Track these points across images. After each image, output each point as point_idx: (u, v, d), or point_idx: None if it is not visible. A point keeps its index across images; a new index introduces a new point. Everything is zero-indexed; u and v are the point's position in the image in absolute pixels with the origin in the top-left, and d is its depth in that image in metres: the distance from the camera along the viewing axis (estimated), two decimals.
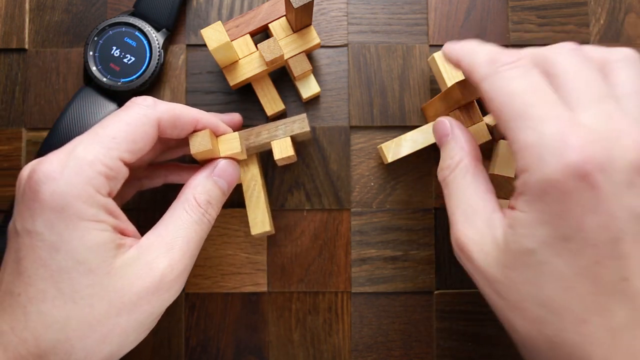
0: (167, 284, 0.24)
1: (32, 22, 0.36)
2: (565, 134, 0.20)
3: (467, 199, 0.25)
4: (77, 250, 0.22)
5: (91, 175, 0.23)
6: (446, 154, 0.27)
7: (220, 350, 0.35)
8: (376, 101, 0.36)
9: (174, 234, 0.25)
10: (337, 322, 0.35)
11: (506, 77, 0.23)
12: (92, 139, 0.24)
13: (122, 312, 0.23)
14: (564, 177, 0.20)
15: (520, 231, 0.22)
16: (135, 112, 0.26)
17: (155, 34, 0.34)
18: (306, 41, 0.34)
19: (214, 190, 0.28)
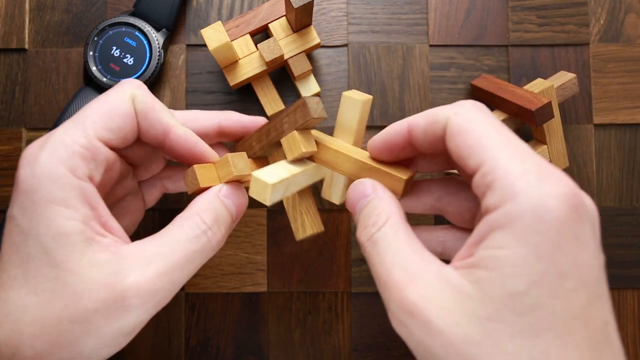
0: (128, 304, 0.21)
1: (32, 22, 0.36)
2: (549, 168, 0.20)
3: (405, 256, 0.21)
4: (43, 237, 0.21)
5: (64, 155, 0.22)
6: (369, 212, 0.23)
7: (220, 350, 0.35)
8: (376, 101, 0.36)
9: (158, 249, 0.22)
10: (337, 322, 0.35)
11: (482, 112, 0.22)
12: (70, 121, 0.23)
13: (75, 319, 0.21)
14: (561, 204, 0.18)
15: (506, 270, 0.18)
16: (113, 91, 0.24)
17: (155, 34, 0.34)
18: (306, 41, 0.34)
19: (220, 208, 0.25)
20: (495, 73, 0.37)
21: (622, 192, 0.36)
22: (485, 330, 0.18)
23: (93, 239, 0.22)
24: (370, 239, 0.22)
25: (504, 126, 0.21)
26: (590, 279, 0.19)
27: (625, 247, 0.36)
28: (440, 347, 0.19)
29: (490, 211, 0.19)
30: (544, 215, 0.18)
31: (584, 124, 0.36)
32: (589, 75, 0.37)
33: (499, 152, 0.20)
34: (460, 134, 0.21)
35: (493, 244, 0.19)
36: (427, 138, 0.23)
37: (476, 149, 0.20)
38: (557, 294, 0.18)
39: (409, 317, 0.19)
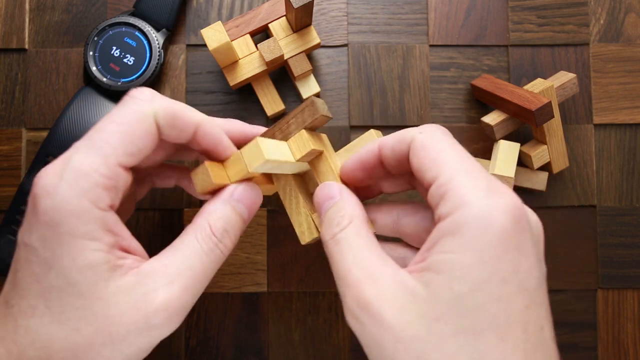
0: (160, 321, 0.22)
1: (32, 22, 0.36)
2: (498, 184, 0.21)
3: (365, 256, 0.22)
4: (68, 270, 0.21)
5: (87, 187, 0.21)
6: (334, 213, 0.24)
7: (220, 350, 0.35)
8: (376, 101, 0.36)
9: (178, 265, 0.23)
10: (337, 322, 0.35)
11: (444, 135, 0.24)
12: (87, 146, 0.22)
13: (107, 342, 0.21)
14: (505, 216, 0.20)
15: (453, 273, 0.20)
16: (130, 110, 0.23)
17: (155, 34, 0.34)
18: (306, 41, 0.34)
19: (232, 217, 0.25)
20: (495, 73, 0.37)
21: (622, 192, 0.36)
22: (431, 329, 0.19)
23: (117, 265, 0.22)
24: (333, 237, 0.23)
25: (462, 147, 0.23)
26: (529, 286, 0.20)
27: (625, 247, 0.36)
28: (391, 342, 0.20)
29: (442, 219, 0.21)
30: (489, 225, 0.20)
31: (584, 124, 0.36)
32: (589, 75, 0.37)
33: (454, 167, 0.22)
34: (422, 149, 0.23)
35: (443, 249, 0.20)
36: (394, 155, 0.24)
37: (434, 163, 0.22)
38: (498, 297, 0.19)
39: (364, 312, 0.21)
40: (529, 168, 0.35)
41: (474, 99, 0.37)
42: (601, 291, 0.36)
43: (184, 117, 0.24)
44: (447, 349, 0.19)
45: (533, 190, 0.35)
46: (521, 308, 0.20)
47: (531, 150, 0.34)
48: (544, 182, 0.35)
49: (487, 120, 0.34)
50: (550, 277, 0.36)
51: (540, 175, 0.35)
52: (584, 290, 0.36)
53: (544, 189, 0.35)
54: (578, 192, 0.36)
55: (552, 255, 0.36)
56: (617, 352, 0.35)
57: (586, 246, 0.36)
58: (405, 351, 0.20)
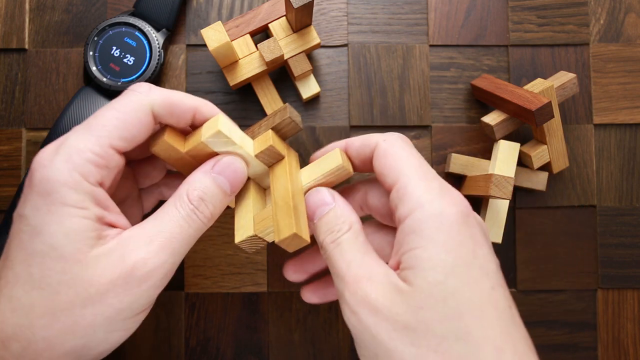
0: (138, 277, 0.22)
1: (32, 22, 0.36)
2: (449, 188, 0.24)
3: (363, 258, 0.24)
4: (54, 234, 0.22)
5: (79, 162, 0.23)
6: (334, 219, 0.26)
7: (220, 350, 0.35)
8: (376, 101, 0.36)
9: (156, 228, 0.24)
10: (337, 322, 0.35)
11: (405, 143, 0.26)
12: (84, 128, 0.24)
13: (87, 303, 0.22)
14: (456, 212, 0.23)
15: (424, 265, 0.22)
16: (127, 100, 0.25)
17: (155, 34, 0.34)
18: (306, 41, 0.34)
19: (210, 187, 0.26)
20: (495, 73, 0.37)
21: (622, 192, 0.36)
22: (419, 317, 0.21)
23: (102, 235, 0.23)
24: (334, 241, 0.25)
25: (420, 156, 0.26)
26: (489, 270, 0.23)
27: (625, 247, 0.36)
28: (386, 332, 0.22)
29: (402, 220, 0.23)
30: (444, 220, 0.23)
31: (584, 124, 0.36)
32: (589, 75, 0.37)
33: (410, 173, 0.24)
34: (383, 157, 0.26)
35: (409, 246, 0.23)
36: (359, 157, 0.27)
37: (393, 169, 0.25)
38: (467, 281, 0.22)
39: (361, 305, 0.23)
40: (529, 168, 0.35)
41: (474, 99, 0.37)
42: (601, 291, 0.36)
43: (181, 104, 0.26)
44: (436, 333, 0.21)
45: (533, 190, 0.35)
46: (488, 289, 0.22)
47: (531, 150, 0.34)
48: (544, 182, 0.35)
49: (487, 120, 0.34)
50: (550, 277, 0.36)
51: (540, 175, 0.35)
52: (584, 290, 0.36)
53: (544, 189, 0.35)
54: (578, 192, 0.36)
55: (552, 255, 0.36)
56: (617, 352, 0.35)
57: (586, 246, 0.36)
58: (400, 339, 0.22)
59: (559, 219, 0.36)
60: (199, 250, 0.35)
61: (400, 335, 0.22)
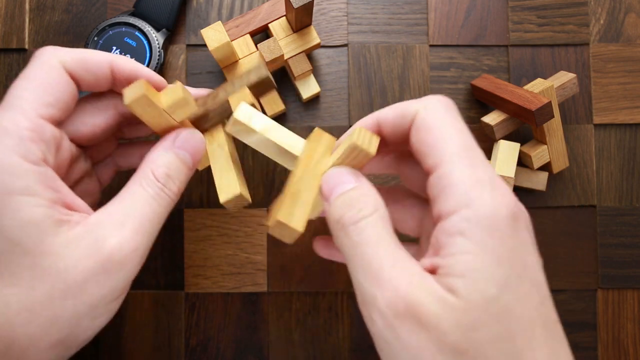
0: (117, 263, 0.22)
1: (32, 22, 0.36)
2: (499, 180, 0.21)
3: (395, 254, 0.20)
4: (10, 229, 0.21)
5: (11, 142, 0.21)
6: (355, 198, 0.22)
7: (220, 350, 0.35)
8: (376, 101, 0.36)
9: (126, 211, 0.23)
10: (337, 322, 0.35)
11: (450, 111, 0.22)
12: (3, 107, 0.22)
13: (67, 294, 0.21)
14: (509, 214, 0.20)
15: (477, 275, 0.19)
16: (35, 66, 0.23)
17: (155, 34, 0.34)
18: (306, 41, 0.34)
19: (174, 162, 0.25)
20: (495, 73, 0.37)
21: (622, 192, 0.36)
22: (470, 338, 0.18)
23: (62, 220, 0.22)
24: (356, 223, 0.21)
25: (465, 128, 0.22)
26: (538, 281, 0.20)
27: (625, 247, 0.36)
28: (430, 354, 0.18)
29: (444, 217, 0.20)
30: (497, 223, 0.19)
31: (584, 124, 0.36)
32: (589, 75, 0.37)
33: (456, 157, 0.21)
34: (424, 131, 0.22)
35: (454, 249, 0.19)
36: (395, 132, 0.23)
37: (435, 149, 0.21)
38: (518, 296, 0.19)
39: (403, 317, 0.19)
40: (529, 168, 0.35)
41: (474, 99, 0.37)
42: (601, 291, 0.36)
43: (94, 57, 0.24)
44: (487, 356, 0.18)
45: (533, 190, 0.35)
46: (538, 304, 0.19)
47: (531, 150, 0.34)
48: (544, 182, 0.35)
49: (487, 120, 0.34)
50: (550, 277, 0.36)
51: (540, 175, 0.35)
52: (584, 290, 0.36)
53: (544, 189, 0.35)
54: (578, 192, 0.36)
55: (552, 255, 0.36)
56: (617, 352, 0.35)
57: (586, 246, 0.36)
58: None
59: (559, 219, 0.36)
60: (199, 250, 0.35)
61: (453, 357, 0.18)
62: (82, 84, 0.25)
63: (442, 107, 0.22)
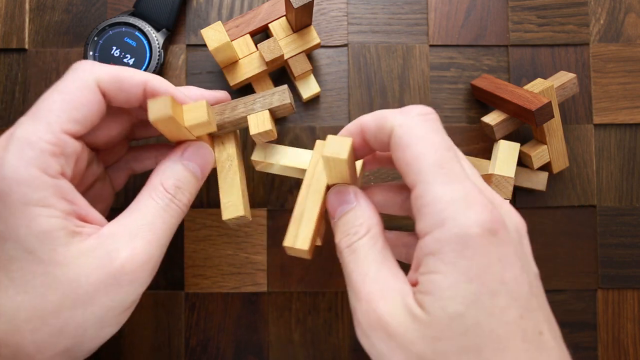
0: (128, 275, 0.22)
1: (32, 22, 0.36)
2: (475, 195, 0.21)
3: (379, 270, 0.22)
4: (25, 238, 0.21)
5: (33, 155, 0.21)
6: (352, 220, 0.24)
7: (220, 350, 0.35)
8: (376, 101, 0.36)
9: (137, 223, 0.23)
10: (337, 322, 0.35)
11: (426, 125, 0.22)
12: (30, 117, 0.22)
13: (77, 304, 0.21)
14: (482, 231, 0.20)
15: (443, 294, 0.20)
16: (69, 80, 0.23)
17: (155, 34, 0.34)
18: (306, 41, 0.34)
19: (183, 174, 0.26)
20: (495, 73, 0.37)
21: (622, 192, 0.36)
22: (435, 349, 0.20)
23: (75, 232, 0.22)
24: (349, 246, 0.23)
25: (444, 142, 0.22)
26: (519, 295, 0.20)
27: (625, 247, 0.36)
28: (405, 357, 0.20)
29: (421, 237, 0.21)
30: (469, 242, 0.20)
31: (584, 124, 0.36)
32: (589, 75, 0.37)
33: (431, 175, 0.21)
34: (400, 149, 0.22)
35: (427, 269, 0.20)
36: (377, 140, 0.24)
37: (412, 168, 0.22)
38: (491, 312, 0.19)
39: (373, 329, 0.21)
40: (529, 168, 0.35)
41: (474, 99, 0.37)
42: (601, 291, 0.36)
43: (129, 78, 0.25)
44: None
45: (533, 190, 0.35)
46: (515, 318, 0.20)
47: (531, 150, 0.34)
48: (544, 182, 0.35)
49: (487, 120, 0.34)
50: (550, 277, 0.36)
51: (540, 175, 0.35)
52: (584, 290, 0.36)
53: (544, 189, 0.35)
54: (578, 192, 0.36)
55: (552, 255, 0.36)
56: (617, 352, 0.35)
57: (586, 246, 0.36)
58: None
59: (559, 219, 0.36)
60: (199, 250, 0.35)
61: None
62: (113, 101, 0.25)
63: (419, 122, 0.22)
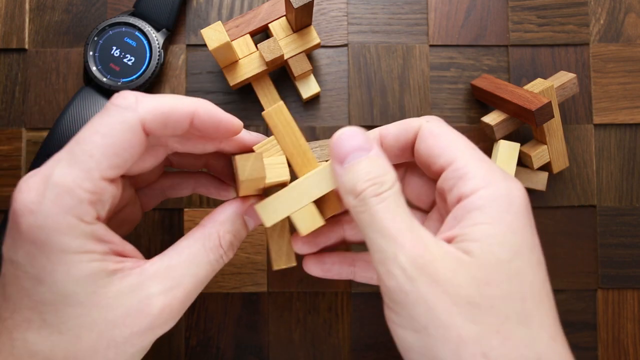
0: (162, 323, 0.22)
1: (32, 22, 0.36)
2: (506, 172, 0.23)
3: (413, 223, 0.22)
4: (62, 283, 0.21)
5: (71, 204, 0.21)
6: (374, 169, 0.23)
7: (220, 350, 0.35)
8: (376, 101, 0.36)
9: (182, 271, 0.23)
10: (337, 322, 0.35)
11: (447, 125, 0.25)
12: (69, 159, 0.21)
13: (111, 345, 0.21)
14: (522, 197, 0.22)
15: (492, 240, 0.21)
16: (113, 120, 0.22)
17: (155, 34, 0.34)
18: (306, 41, 0.34)
19: (241, 231, 0.25)
20: (495, 73, 0.37)
21: (622, 192, 0.36)
22: (483, 292, 0.20)
23: (115, 270, 0.22)
24: (379, 195, 0.22)
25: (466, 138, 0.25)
26: (542, 259, 0.22)
27: (625, 247, 0.36)
28: (445, 305, 0.20)
29: (464, 198, 0.22)
30: (512, 202, 0.22)
31: (584, 124, 0.36)
32: (589, 75, 0.37)
33: (469, 154, 0.23)
34: (432, 137, 0.24)
35: (473, 221, 0.21)
36: (398, 143, 0.25)
37: (447, 149, 0.23)
38: (530, 264, 0.21)
39: (420, 272, 0.20)
40: (529, 168, 0.35)
41: (474, 99, 0.37)
42: (601, 291, 0.36)
43: (175, 112, 0.23)
44: (499, 312, 0.20)
45: (533, 190, 0.35)
46: (544, 279, 0.22)
47: (531, 150, 0.34)
48: (544, 182, 0.35)
49: (487, 120, 0.34)
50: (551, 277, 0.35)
51: (540, 175, 0.35)
52: (584, 290, 0.36)
53: (544, 189, 0.35)
54: (578, 192, 0.36)
55: (552, 255, 0.36)
56: (617, 352, 0.35)
57: (586, 246, 0.36)
58: (460, 314, 0.20)
59: (559, 219, 0.36)
60: None
61: (461, 310, 0.20)
62: (156, 135, 0.23)
63: (441, 121, 0.25)
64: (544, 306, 0.21)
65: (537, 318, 0.20)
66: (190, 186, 0.29)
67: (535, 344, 0.20)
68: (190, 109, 0.23)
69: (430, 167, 0.24)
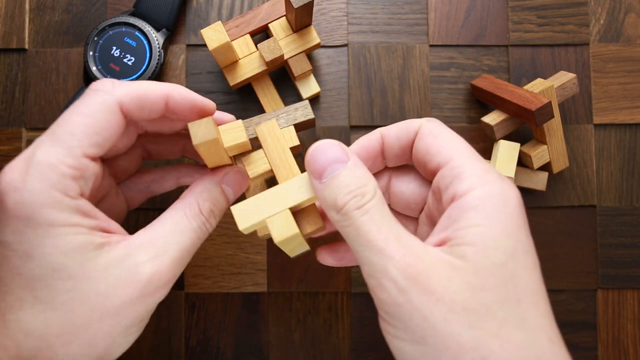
0: (152, 290, 0.23)
1: (32, 22, 0.36)
2: (502, 174, 0.23)
3: (399, 232, 0.21)
4: (51, 257, 0.21)
5: (55, 179, 0.22)
6: (353, 180, 0.22)
7: (220, 350, 0.35)
8: (376, 101, 0.36)
9: (167, 239, 0.24)
10: (337, 322, 0.35)
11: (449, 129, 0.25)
12: (51, 139, 0.22)
13: (105, 316, 0.22)
14: (516, 198, 0.22)
15: (487, 244, 0.20)
16: (92, 101, 0.23)
17: (155, 34, 0.34)
18: (306, 41, 0.34)
19: (220, 198, 0.26)
20: (495, 73, 0.37)
21: (622, 192, 0.36)
22: (478, 298, 0.20)
23: (102, 243, 0.23)
24: (361, 207, 0.22)
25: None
26: (537, 261, 0.22)
27: (625, 247, 0.36)
28: (442, 313, 0.20)
29: (460, 196, 0.22)
30: (508, 202, 0.21)
31: (584, 124, 0.36)
32: (589, 75, 0.37)
33: (466, 154, 0.23)
34: (432, 136, 0.24)
35: (468, 223, 0.21)
36: (399, 142, 0.25)
37: (445, 148, 0.23)
38: (525, 267, 0.21)
39: (412, 283, 0.20)
40: (529, 168, 0.35)
41: (474, 99, 0.37)
42: (601, 291, 0.36)
43: (150, 94, 0.24)
44: (496, 316, 0.20)
45: (533, 190, 0.35)
46: (539, 280, 0.21)
47: (531, 150, 0.34)
48: (544, 182, 0.35)
49: (487, 120, 0.34)
50: (551, 277, 0.36)
51: (540, 175, 0.35)
52: (584, 290, 0.36)
53: (544, 189, 0.35)
54: (578, 192, 0.36)
55: (552, 255, 0.36)
56: (617, 352, 0.35)
57: (586, 246, 0.36)
58: (457, 321, 0.19)
59: (559, 219, 0.36)
60: (199, 250, 0.35)
61: (457, 317, 0.19)
62: (134, 118, 0.25)
63: (441, 123, 0.25)
64: (540, 309, 0.21)
65: (534, 321, 0.20)
66: (173, 178, 0.30)
67: (535, 346, 0.20)
68: (164, 92, 0.25)
69: (427, 165, 0.24)
